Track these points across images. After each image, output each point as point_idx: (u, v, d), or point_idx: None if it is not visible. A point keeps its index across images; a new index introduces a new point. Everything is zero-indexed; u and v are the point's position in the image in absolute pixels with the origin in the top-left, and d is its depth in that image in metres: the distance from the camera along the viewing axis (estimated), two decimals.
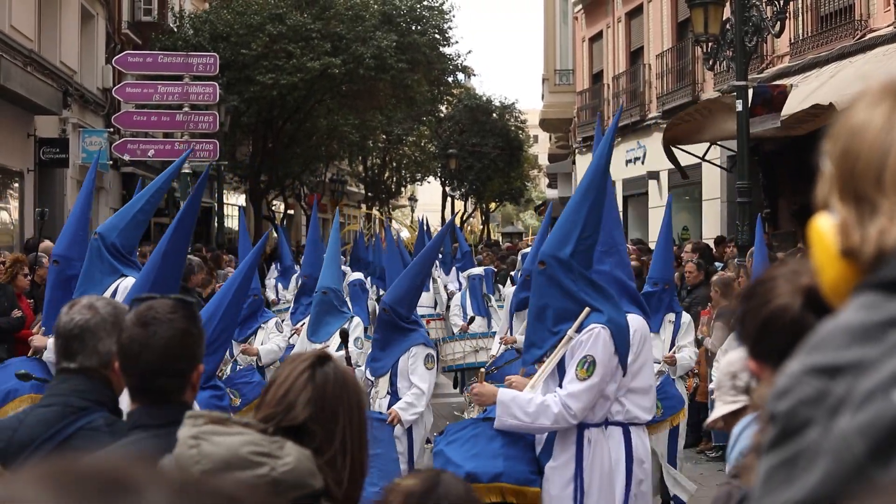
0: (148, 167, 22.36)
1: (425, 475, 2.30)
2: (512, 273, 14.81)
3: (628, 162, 25.23)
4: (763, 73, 17.68)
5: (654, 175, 23.10)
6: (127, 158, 19.05)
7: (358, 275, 10.06)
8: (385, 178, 43.33)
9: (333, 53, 23.19)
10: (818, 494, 1.07)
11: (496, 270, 15.55)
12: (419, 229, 17.68)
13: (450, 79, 30.05)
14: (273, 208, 34.43)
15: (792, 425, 1.13)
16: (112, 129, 21.03)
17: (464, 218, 43.35)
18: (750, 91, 12.40)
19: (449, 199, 43.87)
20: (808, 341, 1.17)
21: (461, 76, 30.90)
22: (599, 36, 27.70)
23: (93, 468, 0.77)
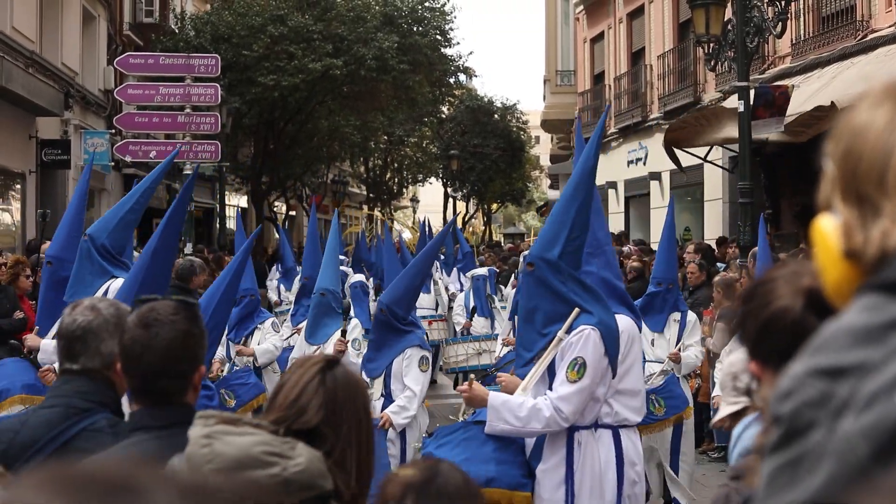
0: (149, 168, 22.33)
1: (423, 465, 2.28)
2: (517, 271, 14.80)
3: (630, 163, 25.23)
4: (765, 74, 17.67)
5: (656, 176, 23.08)
6: (128, 160, 19.05)
7: (359, 277, 10.03)
8: (387, 179, 43.33)
9: (335, 55, 23.18)
10: (822, 496, 1.06)
11: (498, 271, 15.55)
12: (420, 230, 17.67)
13: (451, 80, 30.01)
14: (275, 209, 34.44)
15: (795, 427, 1.12)
16: (114, 131, 21.04)
17: (465, 219, 43.33)
18: (751, 92, 12.39)
19: (451, 200, 43.86)
20: (812, 343, 1.17)
21: (462, 77, 30.84)
22: (601, 37, 27.68)
23: (99, 472, 0.77)
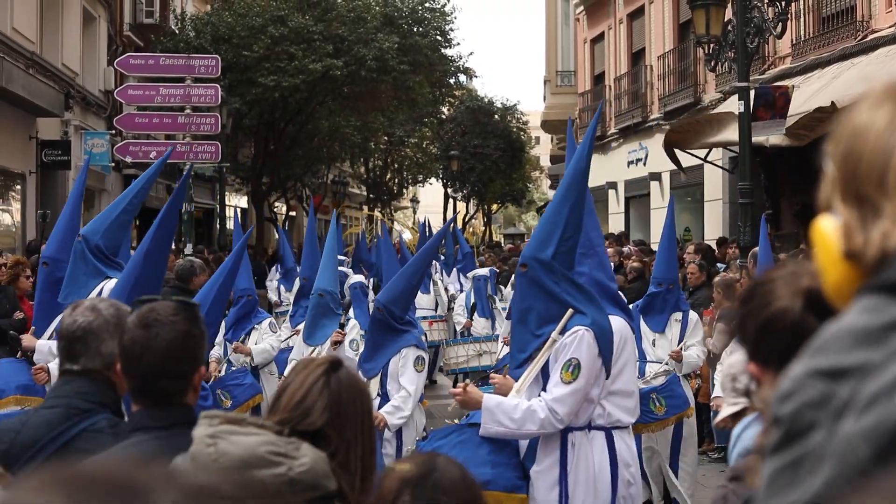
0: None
1: (420, 459, 2.27)
2: None
3: (630, 163, 25.23)
4: (765, 75, 17.67)
5: (656, 176, 23.08)
6: (129, 160, 19.03)
7: (359, 277, 10.02)
8: (387, 180, 43.31)
9: (335, 55, 23.18)
10: (823, 497, 1.06)
11: (498, 272, 15.56)
12: (420, 231, 17.66)
13: (451, 80, 30.01)
14: (275, 210, 34.44)
15: (796, 428, 1.12)
16: (114, 131, 21.04)
17: (465, 219, 43.32)
18: (752, 92, 12.39)
19: (451, 201, 43.85)
20: (812, 344, 1.17)
21: (463, 78, 30.83)
22: (601, 37, 27.68)
23: (101, 472, 0.77)
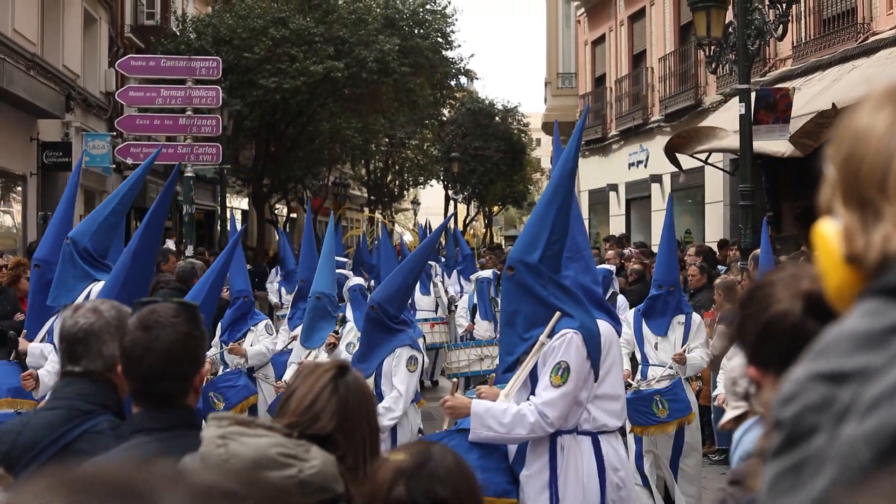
0: (151, 171, 22.36)
1: (415, 449, 2.25)
2: None
3: (631, 165, 25.23)
4: (766, 77, 17.67)
5: (657, 178, 23.07)
6: (130, 162, 19.03)
7: (358, 280, 10.00)
8: (388, 182, 43.31)
9: (336, 57, 23.19)
10: (824, 501, 1.06)
11: (499, 274, 15.55)
12: (420, 233, 17.65)
13: (452, 82, 30.01)
14: (276, 212, 34.44)
15: (798, 432, 1.12)
16: (115, 133, 21.04)
17: (466, 221, 43.32)
18: (752, 94, 12.38)
19: (452, 203, 43.86)
20: (813, 347, 1.17)
21: (464, 80, 30.84)
22: (602, 39, 27.69)
23: (105, 475, 0.76)
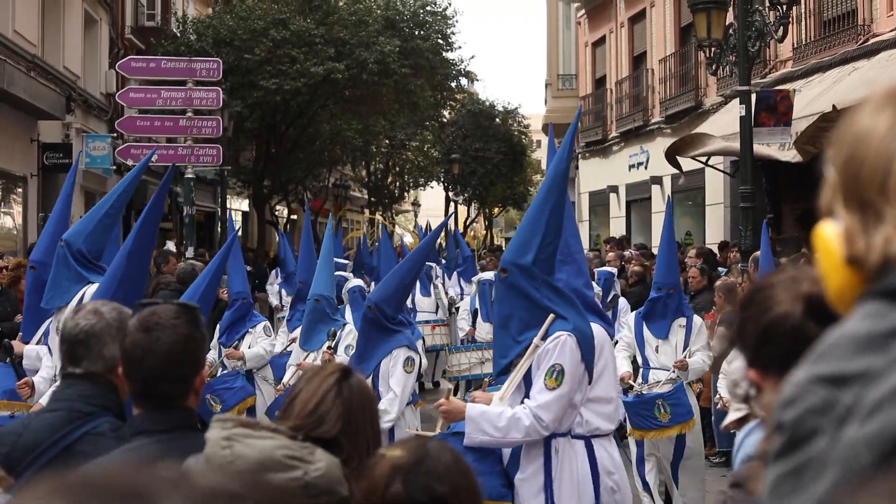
0: (151, 172, 22.38)
1: (411, 446, 2.23)
2: None
3: (631, 167, 25.22)
4: (766, 78, 17.67)
5: (658, 180, 23.07)
6: (130, 163, 19.04)
7: (357, 281, 9.97)
8: (388, 183, 43.29)
9: (337, 58, 23.20)
10: None
11: None
12: (420, 235, 17.63)
13: (453, 84, 30.01)
14: (276, 213, 34.43)
15: (799, 434, 1.12)
16: (115, 134, 21.05)
17: (467, 223, 43.30)
18: (753, 96, 12.38)
19: (452, 204, 43.85)
20: (814, 350, 1.17)
21: (464, 81, 30.86)
22: (602, 41, 27.69)
23: (109, 479, 0.76)
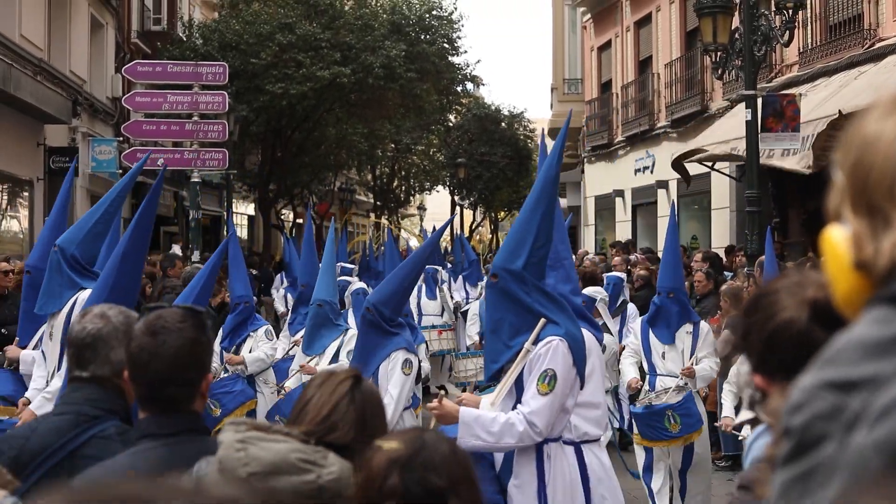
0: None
1: (408, 437, 2.21)
2: None
3: (637, 171, 25.21)
4: (772, 83, 17.65)
5: (663, 184, 23.05)
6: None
7: (360, 284, 9.94)
8: (394, 188, 43.31)
9: (343, 63, 23.22)
10: None
11: None
12: (424, 239, 17.62)
13: (458, 88, 30.02)
14: (282, 217, 34.46)
15: (807, 440, 1.12)
16: (121, 139, 21.07)
17: (472, 227, 43.29)
18: (759, 100, 12.36)
19: (458, 209, 43.86)
20: (822, 355, 1.17)
21: (470, 85, 30.90)
22: (608, 45, 27.69)
23: (124, 491, 0.76)
